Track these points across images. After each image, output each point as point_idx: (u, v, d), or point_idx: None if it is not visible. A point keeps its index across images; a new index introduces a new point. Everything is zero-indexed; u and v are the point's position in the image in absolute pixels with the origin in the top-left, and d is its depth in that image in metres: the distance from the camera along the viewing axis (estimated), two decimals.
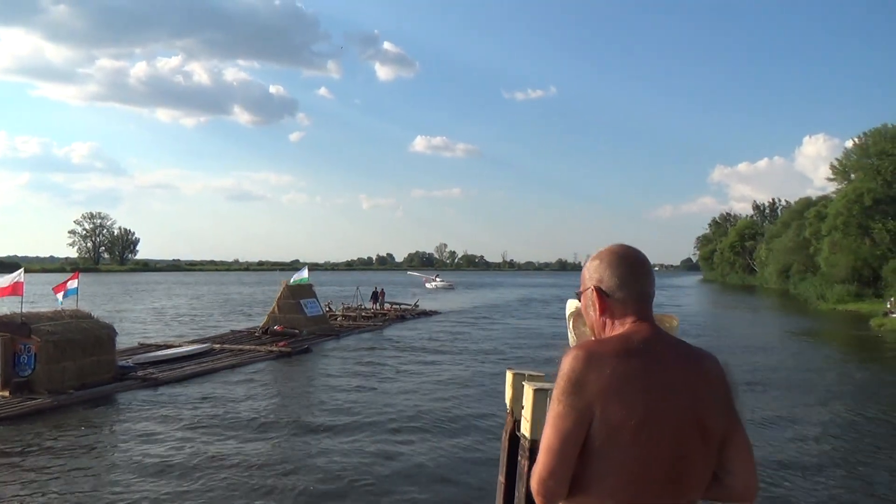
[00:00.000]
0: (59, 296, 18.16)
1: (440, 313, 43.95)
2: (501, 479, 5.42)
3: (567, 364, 1.87)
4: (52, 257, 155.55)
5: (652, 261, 2.12)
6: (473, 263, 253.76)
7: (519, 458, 4.97)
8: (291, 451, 12.38)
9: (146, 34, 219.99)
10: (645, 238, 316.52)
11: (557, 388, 1.86)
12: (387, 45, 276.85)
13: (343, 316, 36.94)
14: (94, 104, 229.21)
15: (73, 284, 18.32)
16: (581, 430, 1.82)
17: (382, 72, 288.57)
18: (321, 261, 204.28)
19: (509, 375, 5.52)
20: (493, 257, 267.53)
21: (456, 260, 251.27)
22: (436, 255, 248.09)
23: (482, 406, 15.94)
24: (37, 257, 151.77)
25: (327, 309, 35.67)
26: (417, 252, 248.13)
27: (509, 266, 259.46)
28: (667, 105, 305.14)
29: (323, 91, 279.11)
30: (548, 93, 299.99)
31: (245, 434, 13.48)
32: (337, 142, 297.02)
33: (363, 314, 38.10)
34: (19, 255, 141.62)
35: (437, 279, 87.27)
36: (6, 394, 15.84)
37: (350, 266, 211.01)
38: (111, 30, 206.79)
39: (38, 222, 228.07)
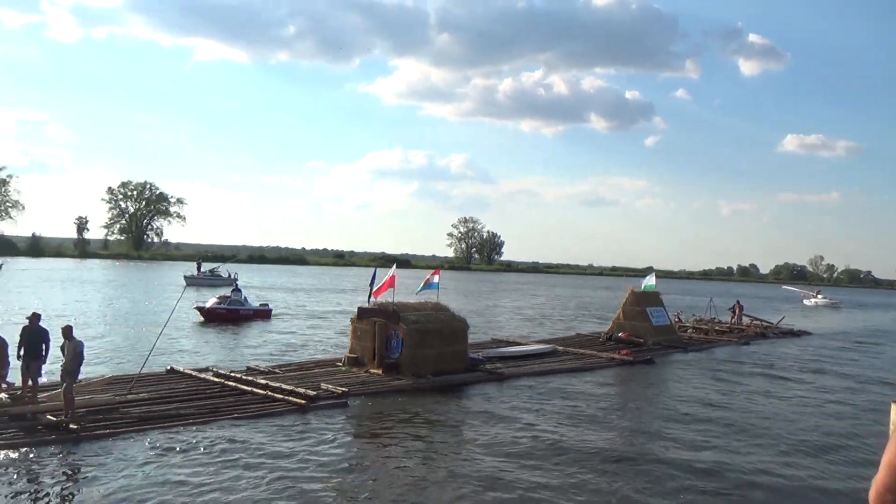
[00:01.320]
0: (418, 288, 20.32)
1: (811, 334, 38.48)
2: None
3: None
4: (434, 256, 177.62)
5: None
6: (857, 279, 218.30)
7: None
8: (626, 462, 11.73)
9: (512, 52, 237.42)
10: None
11: None
12: (752, 38, 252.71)
13: (693, 328, 34.65)
14: (468, 119, 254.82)
15: (434, 279, 20.33)
16: None
17: (747, 67, 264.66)
18: (675, 268, 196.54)
19: (894, 409, 4.70)
20: (884, 273, 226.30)
21: (835, 274, 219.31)
22: (809, 268, 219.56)
23: (860, 444, 13.24)
24: (422, 256, 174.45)
25: (676, 319, 33.84)
26: (786, 263, 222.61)
27: None
28: None
29: (680, 93, 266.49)
30: None
31: (579, 435, 13.27)
32: (694, 144, 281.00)
33: (716, 328, 35.24)
34: (409, 253, 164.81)
35: (819, 296, 77.16)
36: (380, 372, 18.19)
37: (706, 276, 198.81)
38: (484, 52, 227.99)
39: (424, 225, 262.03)
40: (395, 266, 19.62)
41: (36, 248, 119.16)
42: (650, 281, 30.71)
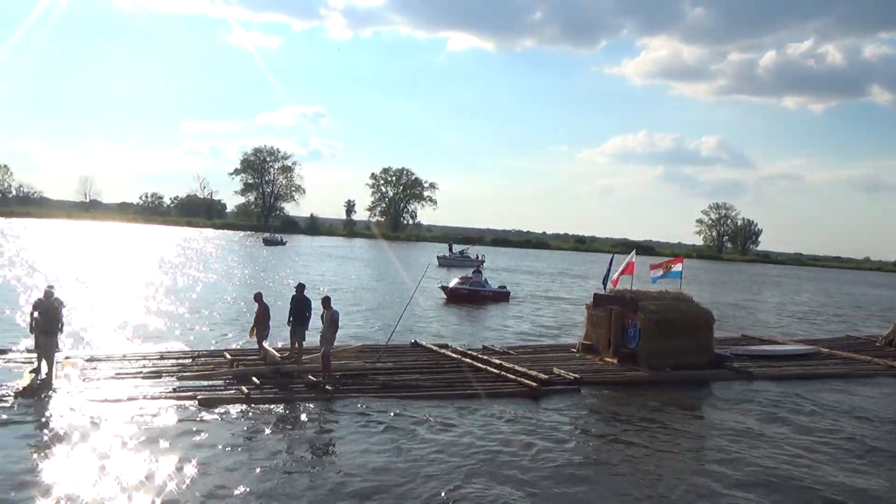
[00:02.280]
0: (652, 274, 19.23)
1: None
2: None
3: None
4: (679, 244, 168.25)
5: None
6: None
7: None
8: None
9: (776, 22, 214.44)
10: None
11: None
12: None
13: None
14: (722, 98, 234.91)
15: (676, 267, 19.07)
16: None
17: None
18: None
19: None
20: None
21: None
22: None
23: None
24: (667, 243, 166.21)
25: None
26: None
27: None
28: None
29: None
30: None
31: (843, 466, 11.52)
32: None
33: None
34: (653, 239, 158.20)
35: None
36: (615, 361, 17.62)
37: None
38: (742, 23, 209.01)
39: (669, 211, 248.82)
40: (634, 252, 18.82)
41: (313, 227, 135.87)
42: None
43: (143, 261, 45.94)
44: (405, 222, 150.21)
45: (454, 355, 17.25)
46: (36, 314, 12.61)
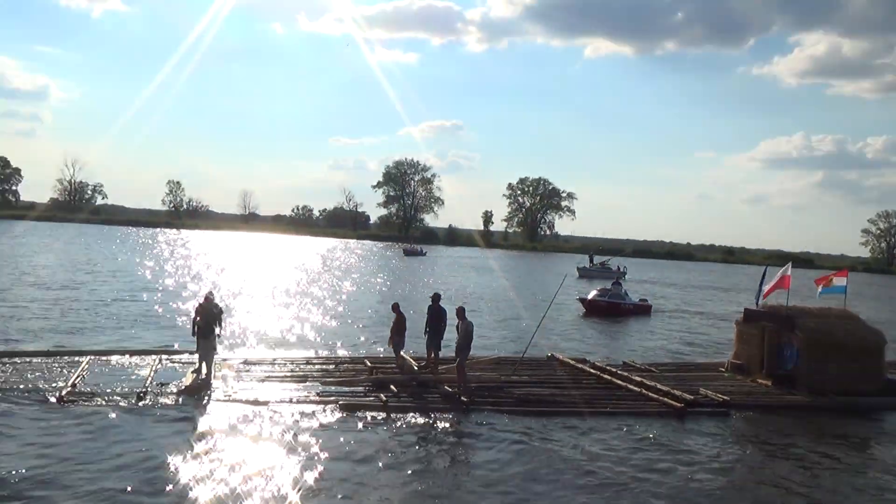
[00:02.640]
0: (819, 288, 17.61)
1: None
2: None
3: None
4: (843, 256, 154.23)
5: None
6: None
7: None
8: None
9: None
10: None
11: None
12: None
13: None
14: (890, 95, 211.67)
15: (840, 282, 17.38)
16: None
17: None
18: None
19: None
20: None
21: None
22: None
23: None
24: (828, 255, 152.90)
25: None
26: None
27: None
28: None
29: None
30: None
31: None
32: None
33: None
34: (811, 251, 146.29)
35: None
36: (769, 383, 16.33)
37: None
38: None
39: (830, 220, 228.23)
40: (790, 265, 17.37)
41: (451, 237, 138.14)
42: None
43: (293, 270, 48.80)
44: (542, 233, 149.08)
45: (593, 371, 16.74)
46: (198, 319, 13.69)
